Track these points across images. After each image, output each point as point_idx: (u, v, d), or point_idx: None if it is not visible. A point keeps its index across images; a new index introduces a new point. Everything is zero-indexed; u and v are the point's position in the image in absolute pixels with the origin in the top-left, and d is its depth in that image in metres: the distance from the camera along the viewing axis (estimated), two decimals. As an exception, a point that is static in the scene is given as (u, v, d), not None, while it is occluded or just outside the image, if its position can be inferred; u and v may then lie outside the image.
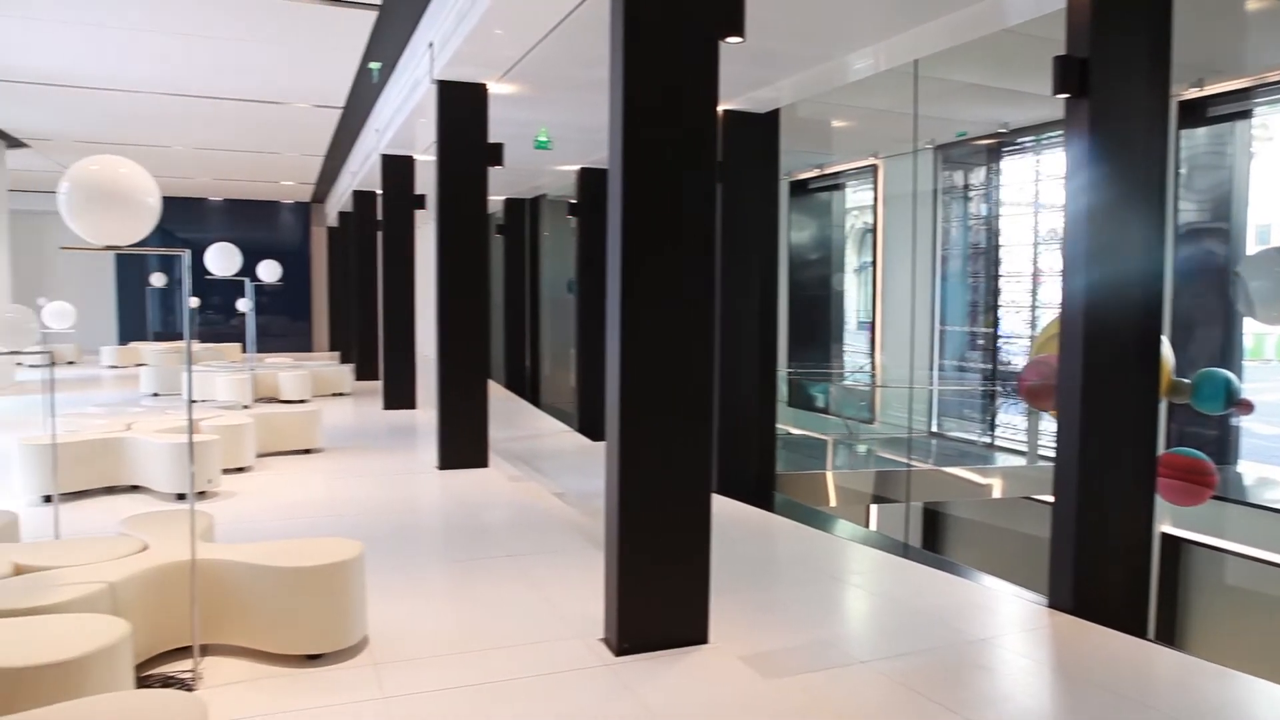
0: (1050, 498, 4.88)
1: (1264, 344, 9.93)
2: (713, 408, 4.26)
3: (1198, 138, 8.92)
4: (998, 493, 10.41)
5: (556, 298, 17.91)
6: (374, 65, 9.87)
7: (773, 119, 8.48)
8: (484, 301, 8.52)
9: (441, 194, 8.26)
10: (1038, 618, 4.74)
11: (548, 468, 9.27)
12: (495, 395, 10.01)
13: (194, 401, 3.77)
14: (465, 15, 6.80)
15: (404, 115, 10.17)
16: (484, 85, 8.21)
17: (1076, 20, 4.61)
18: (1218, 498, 7.28)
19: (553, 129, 10.07)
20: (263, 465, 8.55)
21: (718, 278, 4.28)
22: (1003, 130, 11.02)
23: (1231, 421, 8.65)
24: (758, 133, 8.42)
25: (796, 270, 14.51)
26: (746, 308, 8.42)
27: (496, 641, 4.31)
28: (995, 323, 11.74)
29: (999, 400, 11.73)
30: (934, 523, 11.44)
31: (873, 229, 13.48)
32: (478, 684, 3.83)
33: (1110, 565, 4.77)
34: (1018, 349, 11.56)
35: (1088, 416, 4.64)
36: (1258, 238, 8.89)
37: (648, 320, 4.08)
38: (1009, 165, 11.58)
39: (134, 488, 7.46)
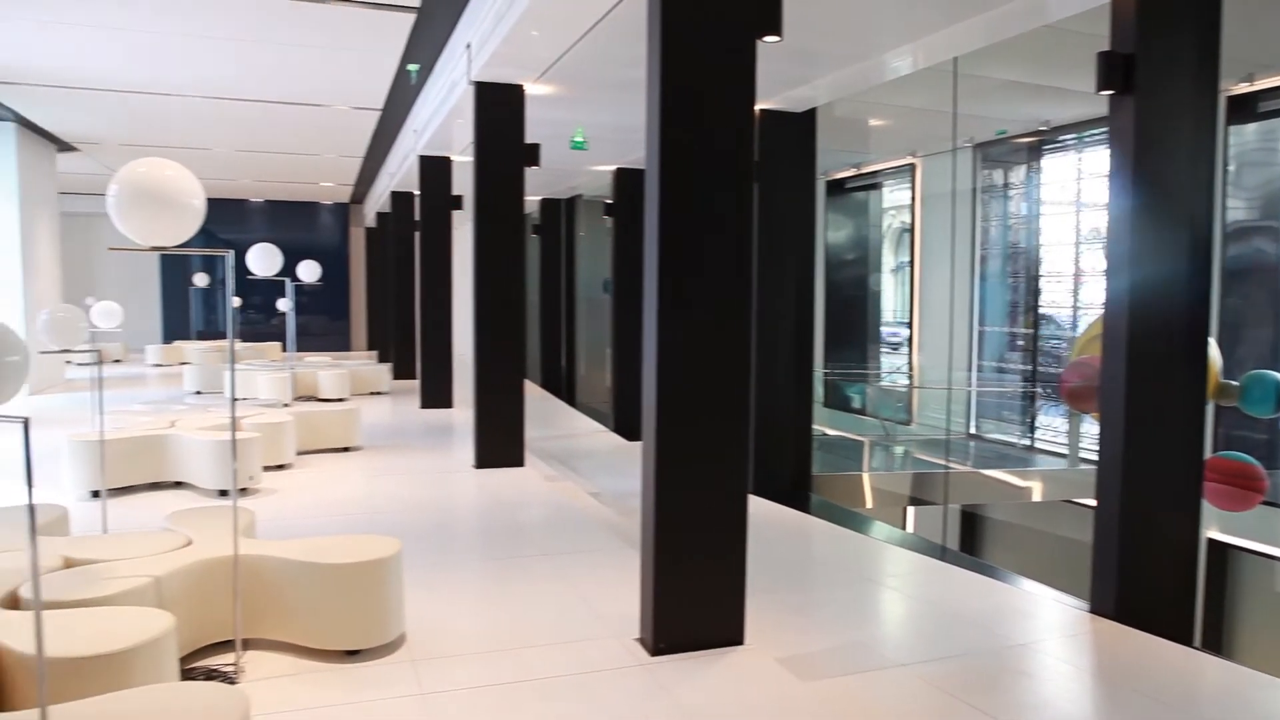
0: (1092, 501, 4.81)
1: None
2: (750, 409, 4.25)
3: (1247, 134, 8.72)
4: (1037, 496, 10.27)
5: (592, 298, 17.96)
6: (412, 67, 9.96)
7: (809, 118, 8.44)
8: (520, 301, 8.56)
9: (478, 195, 8.32)
10: (1079, 623, 4.66)
11: (583, 467, 9.29)
12: (531, 395, 10.08)
13: (236, 400, 3.83)
14: (503, 17, 6.84)
15: (441, 116, 10.26)
16: (521, 86, 8.25)
17: (1121, 15, 4.53)
18: (1267, 503, 7.12)
19: (589, 129, 10.10)
20: (302, 463, 8.67)
21: (754, 278, 4.25)
22: (1044, 128, 10.86)
23: (1281, 425, 8.45)
24: (794, 132, 8.38)
25: (833, 270, 14.42)
26: (783, 308, 8.38)
27: (533, 640, 4.34)
28: (1035, 323, 11.57)
29: (1039, 402, 11.57)
30: (972, 525, 11.30)
31: (910, 228, 13.36)
32: (514, 682, 3.85)
33: (1155, 571, 4.68)
34: (1059, 350, 11.39)
35: (1132, 419, 4.55)
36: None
37: (684, 321, 4.07)
38: (1050, 163, 11.41)
39: (177, 484, 7.60)
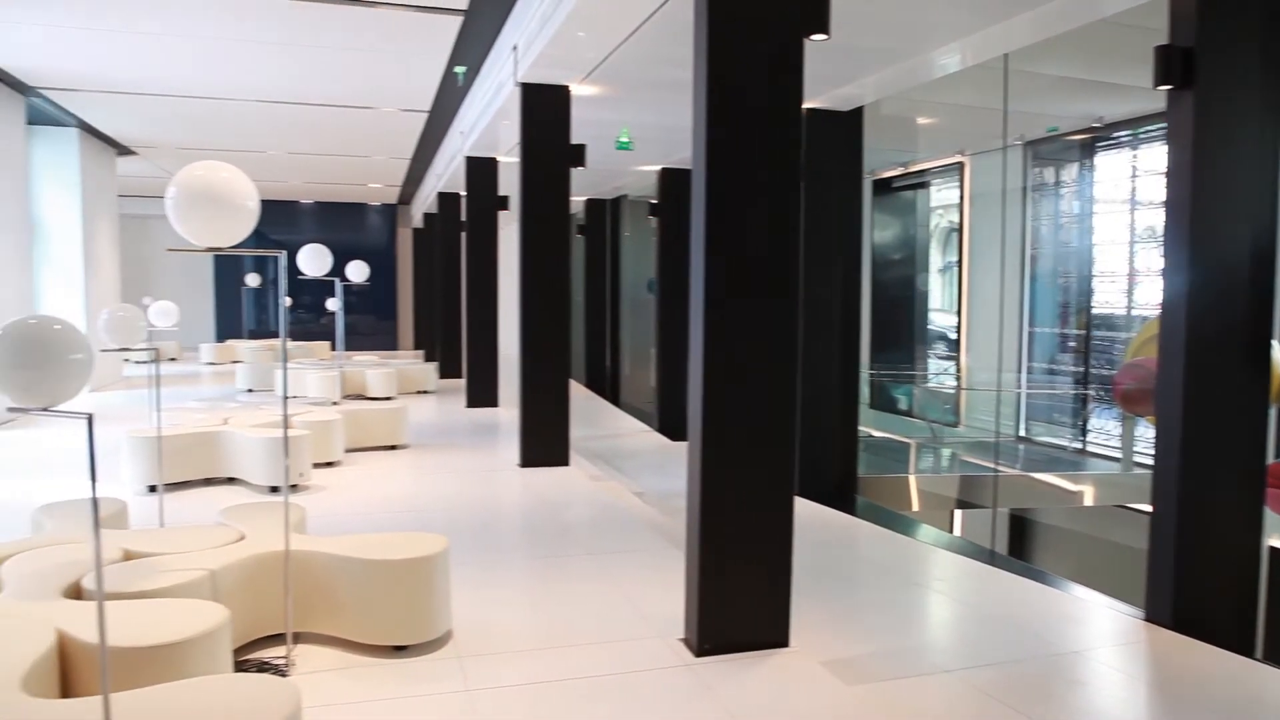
0: (1147, 506, 4.69)
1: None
2: (797, 410, 4.22)
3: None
4: (1089, 500, 10.06)
5: (637, 298, 17.98)
6: (459, 69, 10.06)
7: (856, 117, 8.37)
8: (566, 302, 8.60)
9: (524, 195, 8.38)
10: (1133, 631, 4.56)
11: (628, 467, 9.31)
12: (576, 394, 10.11)
13: (288, 398, 3.90)
14: (549, 18, 6.88)
15: (488, 118, 10.35)
16: (567, 87, 8.29)
17: (1181, 7, 4.41)
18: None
19: (634, 129, 10.11)
20: (350, 460, 8.80)
21: (800, 278, 4.23)
22: (1097, 125, 10.63)
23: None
24: (841, 131, 8.31)
25: (879, 270, 14.26)
26: (829, 308, 8.32)
27: (577, 638, 4.35)
28: (1088, 324, 11.34)
29: (1091, 404, 11.33)
30: (1021, 530, 11.10)
31: (958, 228, 13.17)
32: (559, 680, 3.87)
33: (1213, 579, 4.56)
34: (1113, 351, 11.14)
35: (1189, 422, 4.44)
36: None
37: (731, 322, 4.05)
38: (1103, 161, 11.16)
39: (230, 480, 7.77)
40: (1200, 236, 4.41)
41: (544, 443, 8.55)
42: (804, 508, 7.06)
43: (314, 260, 8.86)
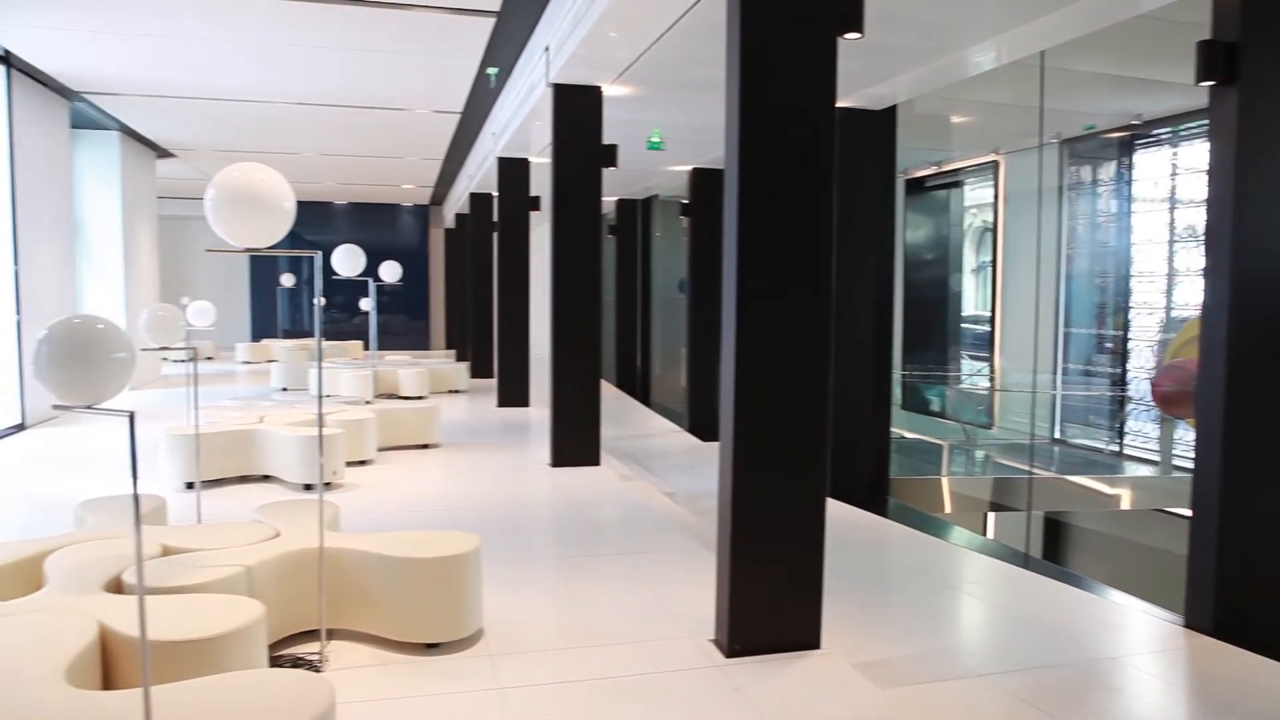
0: (1186, 511, 4.61)
1: None
2: (829, 411, 4.20)
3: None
4: (1126, 504, 9.91)
5: (668, 298, 17.98)
6: (491, 70, 10.12)
7: (889, 116, 8.30)
8: (597, 302, 8.62)
9: (556, 196, 8.40)
10: (1172, 638, 4.48)
11: (658, 467, 9.31)
12: (607, 394, 10.13)
13: (323, 397, 3.94)
14: (581, 19, 6.90)
15: (520, 119, 10.40)
16: (598, 88, 8.31)
17: (1224, 2, 4.33)
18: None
19: (666, 129, 10.11)
20: (383, 459, 8.87)
21: (833, 278, 4.20)
22: (1135, 122, 10.47)
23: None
24: (874, 130, 8.25)
25: (912, 270, 14.15)
26: (862, 309, 8.27)
27: (608, 638, 4.36)
28: (1125, 325, 11.16)
29: (1128, 406, 11.15)
30: (1056, 533, 10.96)
31: (992, 227, 13.02)
32: (590, 679, 3.88)
33: (1256, 585, 4.47)
34: (1150, 352, 10.96)
35: (1231, 425, 4.36)
36: None
37: (763, 322, 4.04)
38: (1142, 159, 10.99)
39: (265, 477, 7.87)
40: (1243, 235, 4.33)
41: (575, 442, 8.58)
42: (835, 509, 7.02)
43: (347, 260, 8.94)
